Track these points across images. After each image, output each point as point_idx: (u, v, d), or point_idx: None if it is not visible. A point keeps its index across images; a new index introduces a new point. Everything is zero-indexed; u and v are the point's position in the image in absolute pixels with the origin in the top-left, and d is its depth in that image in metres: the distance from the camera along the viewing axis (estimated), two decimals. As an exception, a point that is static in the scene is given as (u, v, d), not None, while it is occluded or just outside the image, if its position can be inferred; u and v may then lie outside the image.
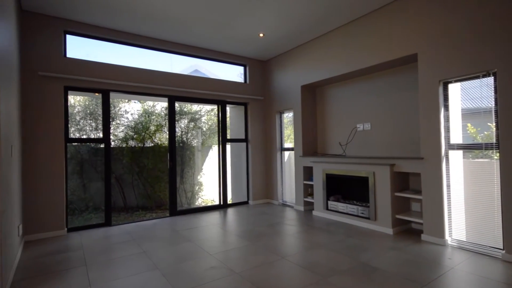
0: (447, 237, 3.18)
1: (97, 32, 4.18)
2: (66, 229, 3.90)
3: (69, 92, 4.05)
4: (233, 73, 6.00)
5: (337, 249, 3.11)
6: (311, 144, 5.19)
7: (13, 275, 2.60)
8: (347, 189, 4.54)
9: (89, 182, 5.53)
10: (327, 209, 4.52)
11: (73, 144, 5.32)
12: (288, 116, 5.79)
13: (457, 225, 3.15)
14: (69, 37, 4.06)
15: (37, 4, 3.54)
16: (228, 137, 5.74)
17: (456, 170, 3.19)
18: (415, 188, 3.79)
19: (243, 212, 5.07)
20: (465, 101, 3.17)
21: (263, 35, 4.62)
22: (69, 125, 4.04)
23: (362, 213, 3.99)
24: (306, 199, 5.06)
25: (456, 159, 3.20)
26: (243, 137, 5.89)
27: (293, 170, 5.44)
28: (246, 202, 5.79)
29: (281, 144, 5.76)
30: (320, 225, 4.08)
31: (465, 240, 3.09)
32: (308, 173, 5.10)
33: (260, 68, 5.97)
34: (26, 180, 3.61)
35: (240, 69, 5.93)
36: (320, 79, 4.70)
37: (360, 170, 4.02)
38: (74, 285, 2.41)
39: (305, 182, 5.05)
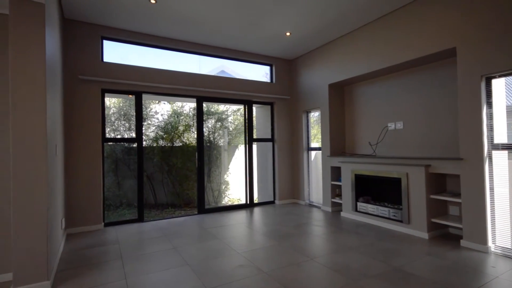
0: (490, 243, 2.96)
1: (130, 37, 4.39)
2: (103, 223, 4.14)
3: (106, 94, 4.29)
4: (259, 73, 6.01)
5: (367, 253, 3.01)
6: (339, 143, 5.07)
7: (57, 265, 2.80)
8: (378, 190, 4.38)
9: (123, 179, 5.81)
10: (356, 210, 4.39)
11: (109, 143, 5.61)
12: (314, 116, 5.70)
13: (501, 231, 2.92)
14: (105, 42, 4.30)
15: (77, 13, 3.79)
16: (254, 136, 5.76)
17: (500, 172, 2.96)
18: (453, 190, 3.57)
19: (269, 211, 5.07)
20: (511, 98, 2.93)
21: (290, 34, 4.59)
22: (105, 126, 4.28)
23: (394, 215, 3.83)
24: (333, 200, 4.95)
25: (500, 160, 2.97)
26: (269, 136, 5.89)
27: (320, 170, 5.35)
28: (272, 202, 5.79)
29: (308, 143, 5.69)
30: (349, 227, 3.98)
31: (511, 247, 2.86)
32: (335, 173, 4.99)
33: (286, 67, 5.94)
34: (68, 177, 3.88)
35: (266, 68, 5.93)
36: (348, 77, 4.58)
37: (391, 171, 3.86)
38: (111, 277, 2.55)
39: (333, 182, 4.94)
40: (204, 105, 5.15)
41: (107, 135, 5.42)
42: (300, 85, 5.72)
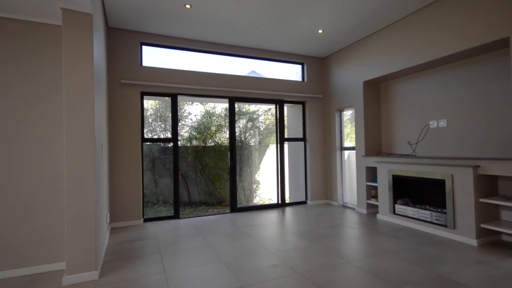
0: (551, 253, 2.67)
1: (166, 41, 4.58)
2: (142, 219, 4.37)
3: (144, 96, 4.53)
4: (290, 72, 5.96)
5: (408, 258, 2.86)
6: (374, 143, 4.87)
7: (104, 257, 3.01)
8: (418, 192, 4.14)
9: (159, 178, 6.08)
10: (394, 213, 4.19)
11: (146, 143, 5.91)
12: (347, 114, 5.53)
13: None
14: (144, 48, 4.53)
15: (119, 21, 4.04)
16: (286, 136, 5.73)
17: None
18: (507, 194, 3.27)
19: (302, 212, 5.01)
20: None
21: (323, 31, 4.50)
22: (144, 127, 4.51)
23: (437, 219, 3.59)
24: (369, 202, 4.77)
25: None
26: (300, 136, 5.83)
27: (353, 170, 5.18)
28: (304, 202, 5.72)
29: (341, 143, 5.54)
30: (386, 230, 3.81)
31: None
32: (371, 173, 4.79)
33: (318, 65, 5.83)
34: (111, 174, 4.15)
35: (297, 67, 5.86)
36: (385, 73, 4.38)
37: (434, 172, 3.62)
38: (151, 270, 2.68)
39: (368, 183, 4.76)
40: (235, 105, 5.22)
41: (145, 136, 5.70)
42: (332, 83, 5.58)
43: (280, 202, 5.49)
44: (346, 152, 5.50)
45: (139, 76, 4.36)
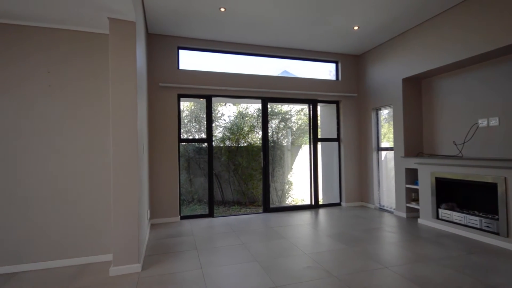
0: None
1: (201, 45, 4.74)
2: (179, 216, 4.56)
3: (181, 98, 4.72)
4: (323, 71, 5.84)
5: (454, 266, 2.66)
6: (415, 143, 4.60)
7: (145, 251, 3.19)
8: (464, 196, 3.84)
9: (194, 177, 6.30)
10: (438, 218, 3.92)
11: (182, 144, 6.15)
12: (384, 113, 5.29)
13: None
14: (181, 52, 4.73)
15: (158, 28, 4.26)
16: (319, 136, 5.63)
17: None
18: None
19: (336, 214, 4.89)
20: None
21: (358, 27, 4.35)
22: (180, 127, 4.71)
23: (488, 226, 3.30)
24: (409, 205, 4.52)
25: None
26: (334, 136, 5.69)
27: (391, 172, 4.93)
28: (338, 204, 5.57)
29: (378, 143, 5.31)
30: (428, 236, 3.58)
31: None
32: (411, 175, 4.54)
33: (353, 63, 5.65)
34: (151, 173, 4.38)
35: (331, 66, 5.73)
36: (428, 69, 4.12)
37: (484, 175, 3.33)
38: (189, 265, 2.79)
39: (408, 185, 4.50)
40: (268, 105, 5.24)
41: (181, 136, 5.94)
42: (368, 82, 5.38)
43: (313, 203, 5.41)
44: (383, 153, 5.26)
45: (176, 79, 4.55)
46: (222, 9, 3.71)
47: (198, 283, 2.41)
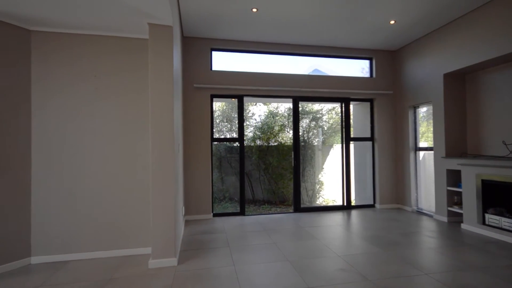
0: None
1: (233, 45, 4.82)
2: (212, 214, 4.69)
3: (214, 99, 4.84)
4: (355, 69, 5.65)
5: (504, 276, 2.45)
6: (457, 143, 4.30)
7: (180, 246, 3.32)
8: (517, 201, 3.52)
9: (225, 175, 6.43)
10: (484, 223, 3.64)
11: (214, 143, 6.31)
12: (422, 111, 5.00)
13: None
14: (213, 53, 4.85)
15: (193, 31, 4.41)
16: (352, 135, 5.47)
17: None
18: None
19: (369, 215, 4.72)
20: None
21: (395, 22, 4.16)
22: (213, 127, 4.83)
23: (545, 235, 3.00)
24: (450, 209, 4.23)
25: None
26: (368, 135, 5.49)
27: (430, 173, 4.66)
28: (372, 206, 5.37)
29: (415, 143, 5.04)
30: (473, 242, 3.33)
31: None
32: (453, 177, 4.25)
33: (388, 59, 5.41)
34: (185, 171, 4.55)
35: (363, 63, 5.54)
36: (473, 63, 3.82)
37: (540, 178, 3.03)
38: (222, 262, 2.86)
39: (449, 188, 4.22)
40: (299, 104, 5.19)
41: (214, 136, 6.09)
42: (405, 78, 5.11)
43: (345, 204, 5.27)
44: (421, 153, 4.98)
45: (209, 79, 4.68)
46: (254, 10, 3.75)
47: (231, 280, 2.46)
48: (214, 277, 2.53)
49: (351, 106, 5.61)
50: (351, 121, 5.50)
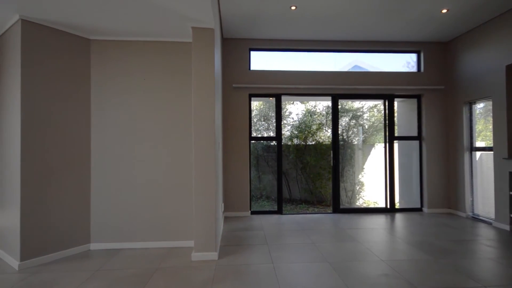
0: None
1: (271, 44, 4.83)
2: (250, 211, 4.76)
3: (252, 98, 4.90)
4: (398, 63, 5.31)
5: None
6: (522, 142, 3.83)
7: (220, 241, 3.43)
8: None
9: (262, 174, 6.48)
10: (556, 234, 3.20)
11: (252, 141, 6.38)
12: (479, 107, 4.54)
13: None
14: (252, 53, 4.91)
15: (232, 32, 4.51)
16: (396, 134, 5.16)
17: None
18: None
19: (416, 220, 4.42)
20: None
21: (448, 10, 3.83)
22: (251, 126, 4.90)
23: None
24: (513, 216, 3.80)
25: None
26: (414, 134, 5.13)
27: (489, 176, 4.22)
28: (418, 209, 5.02)
29: (471, 142, 4.59)
30: (543, 255, 2.95)
31: None
32: (517, 181, 3.80)
33: (439, 51, 5.00)
34: (225, 169, 4.68)
35: (409, 57, 5.18)
36: (543, 52, 3.38)
37: None
38: (260, 259, 2.89)
39: (513, 193, 3.79)
40: (338, 102, 5.04)
41: (252, 135, 6.17)
42: (459, 72, 4.69)
43: (388, 206, 5.00)
44: (478, 153, 4.53)
45: (247, 79, 4.75)
46: (293, 7, 3.71)
47: (270, 277, 2.48)
48: (253, 273, 2.56)
49: (396, 103, 5.29)
50: (395, 119, 5.19)
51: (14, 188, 2.73)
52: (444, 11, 3.86)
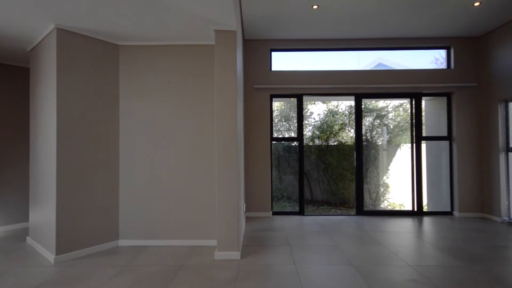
0: None
1: (293, 45, 4.81)
2: (271, 212, 4.76)
3: (273, 99, 4.90)
4: (425, 60, 5.08)
5: None
6: None
7: (242, 241, 3.45)
8: None
9: (283, 175, 6.45)
10: None
11: (273, 142, 6.38)
12: (517, 105, 4.26)
13: None
14: (273, 54, 4.91)
15: (253, 33, 4.54)
16: (424, 134, 4.95)
17: None
18: None
19: (446, 224, 4.22)
20: None
21: (480, 3, 3.63)
22: (272, 127, 4.90)
23: None
24: (556, 222, 3.52)
25: None
26: (444, 134, 4.90)
27: (529, 179, 3.93)
28: (448, 213, 4.79)
29: (507, 142, 4.31)
30: None
31: None
32: (561, 184, 3.52)
33: (471, 47, 4.74)
34: (246, 169, 4.71)
35: (437, 53, 4.94)
36: None
37: None
38: (282, 259, 2.88)
39: (555, 197, 3.51)
40: (362, 102, 4.92)
41: (273, 135, 6.17)
42: (494, 68, 4.42)
43: (415, 209, 4.80)
44: (515, 155, 4.25)
45: (268, 80, 4.76)
46: (315, 7, 3.68)
47: (292, 279, 2.47)
48: (276, 273, 2.57)
49: (423, 102, 5.08)
50: (423, 118, 4.98)
51: (51, 186, 2.91)
52: (477, 4, 3.66)
